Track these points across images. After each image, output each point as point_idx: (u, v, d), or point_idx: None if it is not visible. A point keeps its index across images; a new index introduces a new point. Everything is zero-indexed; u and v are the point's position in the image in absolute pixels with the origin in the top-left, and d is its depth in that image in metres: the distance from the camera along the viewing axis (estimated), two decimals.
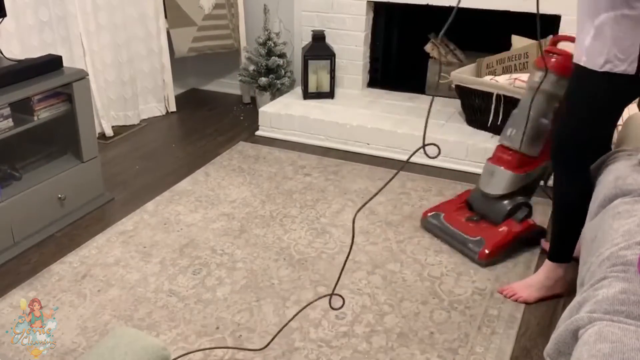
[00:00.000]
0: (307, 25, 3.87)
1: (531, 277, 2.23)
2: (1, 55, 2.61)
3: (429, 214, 2.64)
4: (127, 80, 3.76)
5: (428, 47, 3.86)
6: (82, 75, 2.65)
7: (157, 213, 2.81)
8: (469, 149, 3.16)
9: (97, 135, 2.99)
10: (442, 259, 2.46)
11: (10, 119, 2.42)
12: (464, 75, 3.37)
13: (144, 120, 3.94)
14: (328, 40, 3.79)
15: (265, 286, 2.29)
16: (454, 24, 2.55)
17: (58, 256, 2.47)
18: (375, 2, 3.74)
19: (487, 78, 3.26)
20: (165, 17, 3.83)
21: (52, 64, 2.61)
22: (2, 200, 2.42)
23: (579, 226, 2.01)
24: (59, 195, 2.65)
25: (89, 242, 2.58)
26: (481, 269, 2.38)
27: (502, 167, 2.45)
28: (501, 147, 2.49)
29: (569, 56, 2.17)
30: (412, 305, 2.18)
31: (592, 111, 1.92)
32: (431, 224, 2.61)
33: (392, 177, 1.79)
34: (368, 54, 3.94)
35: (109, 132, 3.65)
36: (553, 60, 2.31)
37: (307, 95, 3.83)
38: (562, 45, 2.39)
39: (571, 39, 2.20)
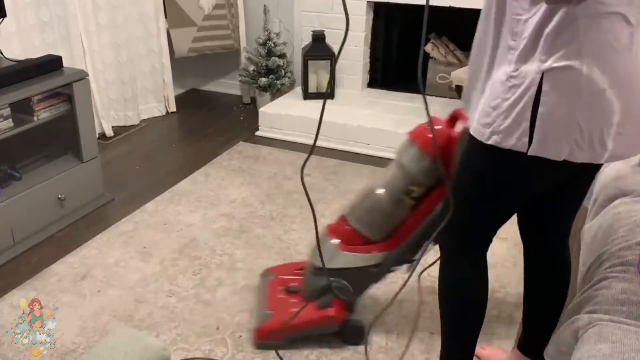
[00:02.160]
0: (307, 26, 3.87)
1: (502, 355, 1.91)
2: (1, 56, 2.61)
3: (266, 272, 2.22)
4: (127, 81, 3.76)
5: (428, 47, 3.86)
6: (82, 76, 2.65)
7: (157, 213, 2.81)
8: None
9: (97, 135, 2.99)
10: None
11: (10, 119, 2.42)
12: (464, 75, 3.36)
13: (144, 120, 3.94)
14: (328, 41, 3.79)
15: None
16: (454, 24, 2.50)
17: (58, 256, 2.47)
18: (375, 3, 3.74)
19: None
20: (165, 17, 3.83)
21: (52, 64, 2.61)
22: (2, 200, 2.42)
23: (477, 330, 1.63)
24: (59, 196, 2.65)
25: (89, 242, 2.58)
26: None
27: (331, 239, 1.96)
28: (342, 217, 2.00)
29: (443, 135, 1.76)
30: (412, 305, 2.18)
31: (476, 190, 1.48)
32: (259, 285, 2.21)
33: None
34: (368, 54, 3.94)
35: (109, 132, 3.65)
36: (426, 134, 1.81)
37: (307, 95, 3.83)
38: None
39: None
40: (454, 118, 1.84)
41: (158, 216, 2.78)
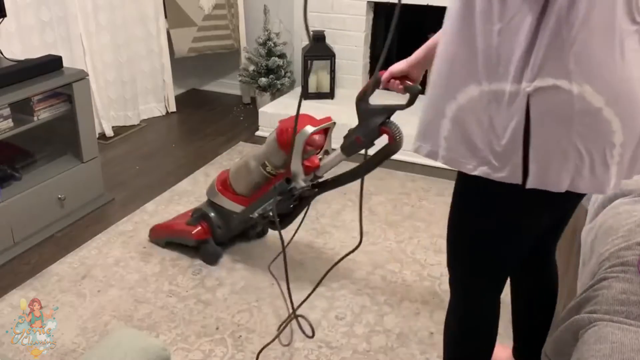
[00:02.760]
0: None
1: None
2: (1, 56, 2.61)
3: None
4: (127, 81, 3.76)
5: None
6: (82, 76, 2.65)
7: (157, 213, 2.81)
8: None
9: (97, 135, 2.99)
10: (442, 259, 2.46)
11: (10, 119, 2.42)
12: None
13: (144, 120, 3.94)
14: (328, 41, 3.78)
15: (265, 287, 2.29)
16: None
17: (58, 256, 2.47)
18: (375, 3, 3.74)
19: None
20: (165, 17, 3.83)
21: (52, 64, 2.61)
22: (2, 200, 2.42)
23: None
24: (59, 196, 2.65)
25: (89, 242, 2.58)
26: None
27: (215, 177, 2.45)
28: (228, 170, 2.45)
29: (288, 130, 2.08)
30: (412, 305, 2.18)
31: (494, 234, 1.31)
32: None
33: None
34: (368, 54, 3.94)
35: (109, 132, 3.65)
36: (284, 123, 2.17)
37: (307, 95, 3.83)
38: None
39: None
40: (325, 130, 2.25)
41: (158, 216, 2.78)
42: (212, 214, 2.42)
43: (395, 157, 3.32)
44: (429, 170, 3.18)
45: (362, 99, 1.91)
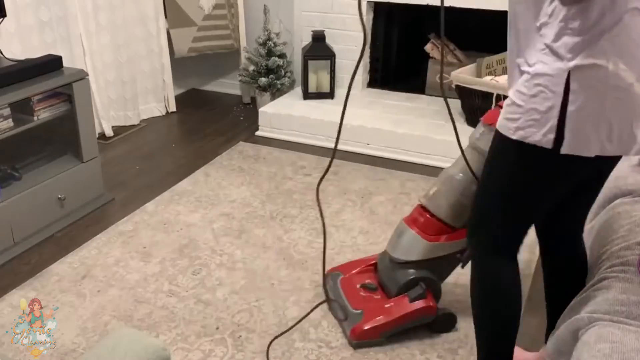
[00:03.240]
0: (307, 26, 3.87)
1: None
2: (1, 55, 2.61)
3: (331, 273, 2.23)
4: (127, 80, 3.76)
5: (428, 47, 3.86)
6: (82, 76, 2.65)
7: (157, 213, 2.81)
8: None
9: (97, 135, 2.99)
10: None
11: (10, 119, 2.42)
12: (464, 75, 3.37)
13: (144, 120, 3.94)
14: (328, 41, 3.78)
15: (265, 286, 2.29)
16: (454, 24, 2.50)
17: (58, 256, 2.47)
18: (375, 3, 3.74)
19: (487, 78, 3.26)
20: (165, 17, 3.83)
21: (52, 64, 2.61)
22: (2, 200, 2.42)
23: (498, 335, 1.60)
24: (59, 196, 2.65)
25: (89, 242, 2.58)
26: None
27: (412, 230, 1.98)
28: (420, 207, 2.02)
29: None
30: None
31: (505, 188, 1.47)
32: (328, 286, 2.16)
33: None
34: (368, 54, 3.94)
35: (109, 132, 3.65)
36: (492, 115, 1.83)
37: (307, 95, 3.83)
38: None
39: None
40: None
41: (158, 216, 2.78)
42: (426, 273, 1.99)
43: (396, 157, 3.34)
44: (429, 170, 3.18)
45: None
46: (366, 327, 1.95)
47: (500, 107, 1.58)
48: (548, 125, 1.28)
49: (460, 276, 2.17)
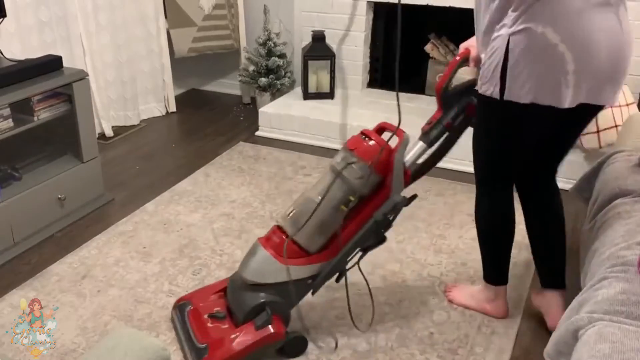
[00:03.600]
0: (307, 25, 3.87)
1: (475, 287, 2.19)
2: (1, 56, 2.61)
3: (178, 304, 2.07)
4: (127, 81, 3.76)
5: (428, 47, 3.86)
6: (82, 76, 2.65)
7: (157, 213, 2.81)
8: (469, 150, 3.15)
9: (97, 135, 2.99)
10: (442, 259, 2.46)
11: (10, 119, 2.42)
12: (464, 75, 3.36)
13: (144, 120, 3.94)
14: (328, 40, 3.79)
15: None
16: (454, 24, 2.54)
17: (58, 256, 2.47)
18: (375, 3, 3.74)
19: None
20: (165, 17, 3.83)
21: (52, 64, 2.61)
22: (2, 200, 2.42)
23: (506, 249, 2.00)
24: (59, 196, 2.65)
25: (89, 242, 2.58)
26: (480, 269, 2.37)
27: (266, 251, 1.87)
28: (276, 228, 1.93)
29: (387, 150, 1.85)
30: (412, 305, 2.18)
31: (493, 140, 1.84)
32: (175, 319, 2.03)
33: None
34: (368, 54, 3.94)
35: (109, 132, 3.65)
36: (365, 144, 1.85)
37: (307, 95, 3.83)
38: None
39: (383, 127, 1.97)
40: (381, 129, 1.97)
41: (158, 216, 2.78)
42: (275, 298, 1.88)
43: None
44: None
45: (445, 88, 1.90)
46: None
47: (365, 136, 1.88)
48: (495, 80, 1.64)
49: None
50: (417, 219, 2.73)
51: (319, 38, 3.75)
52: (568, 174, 2.23)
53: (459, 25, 3.79)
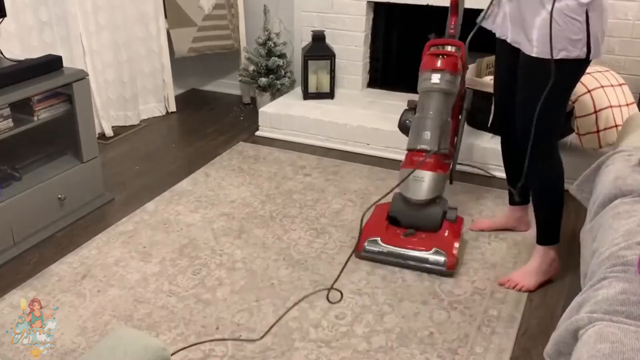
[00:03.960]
0: (307, 26, 3.87)
1: (527, 265, 2.30)
2: (1, 56, 2.61)
3: (365, 243, 2.42)
4: (127, 81, 3.76)
5: None
6: (82, 76, 2.65)
7: (157, 213, 2.81)
8: (469, 149, 3.16)
9: (97, 135, 2.99)
10: None
11: (10, 119, 2.42)
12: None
13: (144, 120, 3.94)
14: (328, 41, 3.79)
15: (265, 286, 2.29)
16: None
17: (58, 256, 2.47)
18: (375, 2, 3.74)
19: (487, 78, 3.25)
20: (165, 17, 3.83)
21: (52, 64, 2.61)
22: (2, 200, 2.42)
23: (562, 206, 2.24)
24: (59, 196, 2.65)
25: (89, 242, 2.58)
26: (480, 269, 2.38)
27: (429, 171, 2.39)
28: (414, 152, 2.45)
29: (456, 55, 2.47)
30: (412, 305, 2.18)
31: (566, 100, 2.14)
32: (373, 252, 2.40)
33: None
34: (368, 54, 3.94)
35: (109, 132, 3.65)
36: (445, 60, 2.44)
37: (307, 95, 3.83)
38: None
39: (444, 42, 2.55)
40: (430, 45, 2.56)
41: (158, 216, 2.78)
42: (443, 198, 2.52)
43: (395, 157, 3.33)
44: None
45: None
46: (455, 255, 2.32)
47: (438, 54, 2.49)
48: (582, 42, 1.93)
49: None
50: None
51: (319, 38, 3.75)
52: (568, 174, 2.23)
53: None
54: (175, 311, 2.15)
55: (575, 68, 2.02)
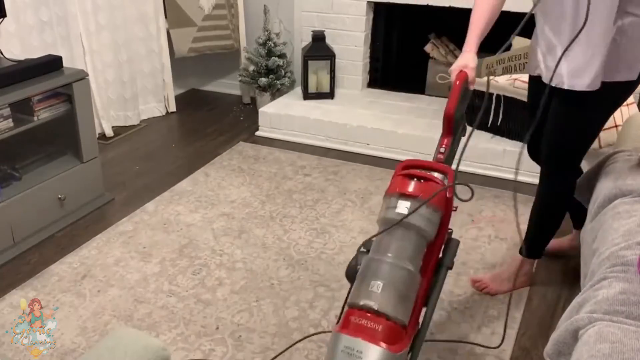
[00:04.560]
0: (307, 26, 3.87)
1: (502, 270, 2.28)
2: (1, 56, 2.61)
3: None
4: (127, 81, 3.76)
5: (428, 48, 3.86)
6: (82, 76, 2.65)
7: (157, 213, 2.81)
8: (469, 150, 3.16)
9: (97, 135, 2.99)
10: None
11: (10, 119, 2.42)
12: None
13: (144, 120, 3.94)
14: (328, 41, 3.79)
15: (265, 286, 2.29)
16: (454, 24, 2.53)
17: (58, 256, 2.47)
18: (375, 3, 3.74)
19: (503, 77, 3.25)
20: (165, 17, 3.83)
21: (52, 64, 2.61)
22: (2, 200, 2.42)
23: (557, 226, 2.17)
24: (59, 196, 2.65)
25: (89, 242, 2.58)
26: (480, 269, 2.38)
27: (371, 343, 1.42)
28: (359, 312, 1.47)
29: (439, 183, 1.60)
30: None
31: (604, 121, 1.97)
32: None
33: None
34: (368, 54, 3.94)
35: (109, 132, 3.65)
36: (422, 185, 1.58)
37: (307, 95, 3.83)
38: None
39: (427, 164, 1.65)
40: (406, 166, 1.66)
41: (158, 216, 2.78)
42: None
43: (396, 157, 3.34)
44: None
45: (455, 113, 1.77)
46: None
47: (422, 178, 1.57)
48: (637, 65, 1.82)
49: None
50: None
51: (319, 38, 3.75)
52: None
53: (459, 25, 3.79)
54: (175, 311, 2.15)
55: (623, 91, 1.92)
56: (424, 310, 1.62)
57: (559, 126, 1.98)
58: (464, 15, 2.95)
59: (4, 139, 2.43)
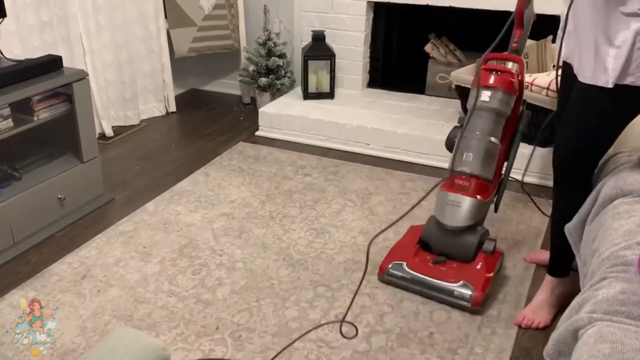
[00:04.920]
0: (307, 26, 3.87)
1: (537, 299, 2.12)
2: (1, 56, 2.61)
3: (389, 266, 2.27)
4: (127, 80, 3.76)
5: (428, 48, 3.86)
6: (82, 76, 2.65)
7: (157, 213, 2.81)
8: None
9: (97, 135, 2.99)
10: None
11: (10, 119, 2.42)
12: (464, 75, 3.37)
13: (144, 120, 3.94)
14: (328, 41, 3.79)
15: (265, 286, 2.29)
16: (454, 24, 2.55)
17: (58, 256, 2.47)
18: (375, 2, 3.74)
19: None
20: (165, 17, 3.83)
21: (52, 64, 2.61)
22: (2, 200, 2.42)
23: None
24: (59, 196, 2.65)
25: (89, 242, 2.58)
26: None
27: (467, 196, 2.18)
28: (455, 175, 2.22)
29: (512, 73, 2.21)
30: (412, 305, 2.18)
31: (604, 126, 1.89)
32: (395, 277, 2.24)
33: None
34: (368, 54, 3.94)
35: (109, 132, 3.65)
36: (499, 77, 2.19)
37: (307, 95, 3.83)
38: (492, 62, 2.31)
39: (501, 57, 2.27)
40: (486, 59, 2.27)
41: (158, 216, 2.78)
42: (482, 227, 2.26)
43: (395, 157, 3.34)
44: (429, 170, 3.18)
45: (525, 7, 2.23)
46: (483, 291, 2.11)
47: (493, 69, 2.20)
48: None
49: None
50: (417, 219, 2.73)
51: (319, 38, 3.75)
52: None
53: (459, 25, 3.80)
54: (175, 311, 2.15)
55: (635, 97, 1.81)
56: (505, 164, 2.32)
57: (569, 120, 1.93)
58: (464, 15, 2.96)
59: (4, 139, 2.43)
